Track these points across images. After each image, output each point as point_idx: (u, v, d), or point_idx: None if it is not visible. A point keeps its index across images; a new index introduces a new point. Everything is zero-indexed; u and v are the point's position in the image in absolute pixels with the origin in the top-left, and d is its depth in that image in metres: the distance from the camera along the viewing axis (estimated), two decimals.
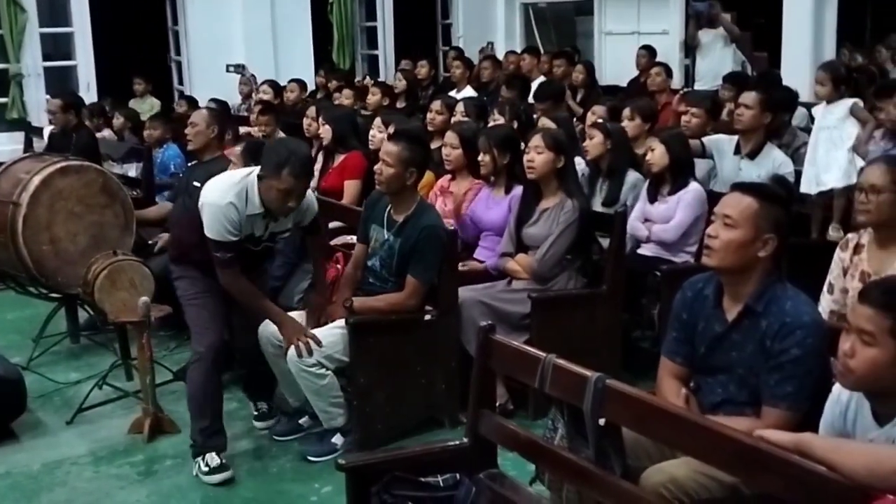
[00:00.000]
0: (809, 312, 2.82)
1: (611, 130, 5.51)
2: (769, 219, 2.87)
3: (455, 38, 12.28)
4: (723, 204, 2.96)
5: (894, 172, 3.55)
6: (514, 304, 4.50)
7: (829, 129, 5.55)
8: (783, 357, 2.76)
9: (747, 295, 2.88)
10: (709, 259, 2.93)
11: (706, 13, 9.57)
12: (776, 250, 2.88)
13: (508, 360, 2.99)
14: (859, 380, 2.37)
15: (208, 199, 4.00)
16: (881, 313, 2.33)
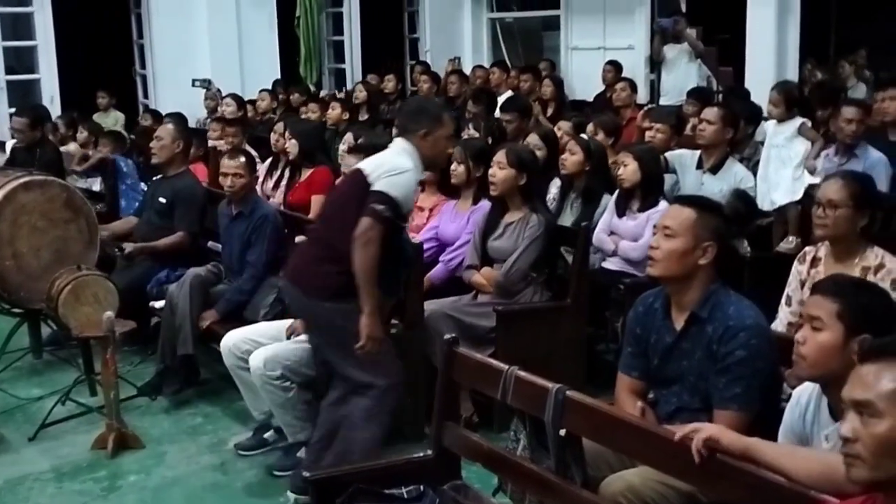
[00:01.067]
0: (752, 315, 2.91)
1: (593, 150, 5.48)
2: (707, 227, 2.98)
3: (422, 53, 12.34)
4: (663, 216, 3.09)
5: (851, 188, 3.64)
6: (480, 317, 4.52)
7: (778, 147, 5.68)
8: (729, 359, 2.84)
9: (692, 303, 2.96)
10: (652, 269, 3.02)
11: (671, 29, 9.71)
12: (716, 257, 2.97)
13: (472, 373, 3.03)
14: (811, 366, 2.51)
15: (397, 162, 3.84)
16: (829, 298, 2.52)
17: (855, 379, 1.95)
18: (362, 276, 3.73)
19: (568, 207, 5.48)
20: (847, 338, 2.47)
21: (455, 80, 10.10)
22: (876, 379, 1.90)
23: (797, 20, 8.97)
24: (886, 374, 1.89)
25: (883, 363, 1.91)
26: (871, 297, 2.58)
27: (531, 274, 4.60)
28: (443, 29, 12.26)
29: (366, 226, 3.72)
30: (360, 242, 3.71)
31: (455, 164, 5.01)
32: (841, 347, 2.47)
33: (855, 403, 1.92)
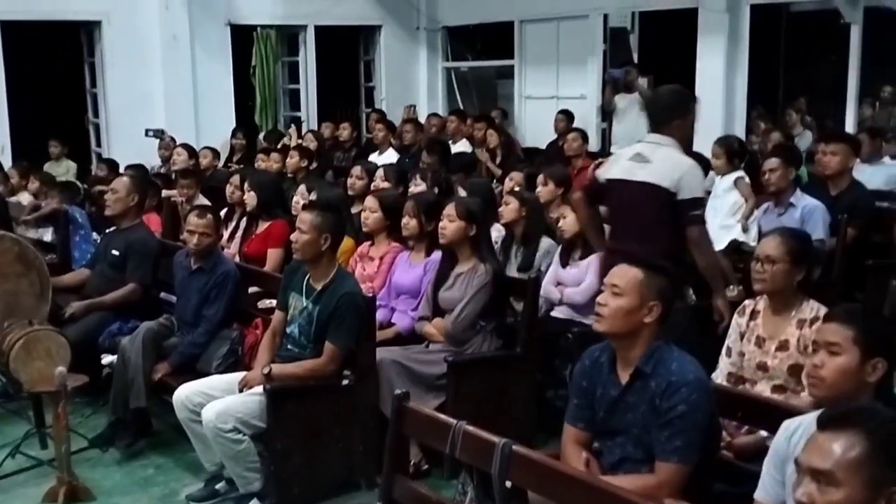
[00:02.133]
0: (693, 371, 3.02)
1: (526, 199, 5.70)
2: (653, 287, 3.10)
3: (378, 101, 12.47)
4: (611, 274, 3.19)
5: (788, 245, 3.79)
6: (431, 365, 4.59)
7: (717, 198, 5.86)
8: (671, 414, 2.94)
9: (637, 358, 3.07)
10: (599, 325, 3.13)
11: (622, 79, 9.99)
12: (661, 316, 3.09)
13: (421, 427, 3.09)
14: (830, 387, 2.70)
15: (682, 163, 4.40)
16: (845, 325, 2.74)
17: (813, 447, 2.01)
18: (711, 271, 4.47)
19: (512, 256, 5.63)
20: (862, 362, 2.69)
21: (410, 128, 10.21)
22: (835, 448, 1.97)
23: (745, 71, 9.22)
24: (845, 443, 1.96)
25: (841, 432, 1.98)
26: (883, 324, 2.86)
27: (480, 322, 4.68)
28: (398, 77, 12.41)
29: (697, 233, 4.39)
30: (700, 247, 4.39)
31: (407, 218, 5.10)
32: (857, 370, 2.69)
33: (812, 471, 1.98)
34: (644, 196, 4.42)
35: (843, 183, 6.19)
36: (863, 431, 1.96)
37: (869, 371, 2.70)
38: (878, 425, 1.98)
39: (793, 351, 3.72)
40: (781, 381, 3.75)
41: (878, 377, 2.70)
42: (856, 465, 1.95)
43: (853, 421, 2.00)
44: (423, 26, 12.35)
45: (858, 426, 1.98)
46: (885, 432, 1.97)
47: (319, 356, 4.31)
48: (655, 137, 4.51)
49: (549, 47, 11.11)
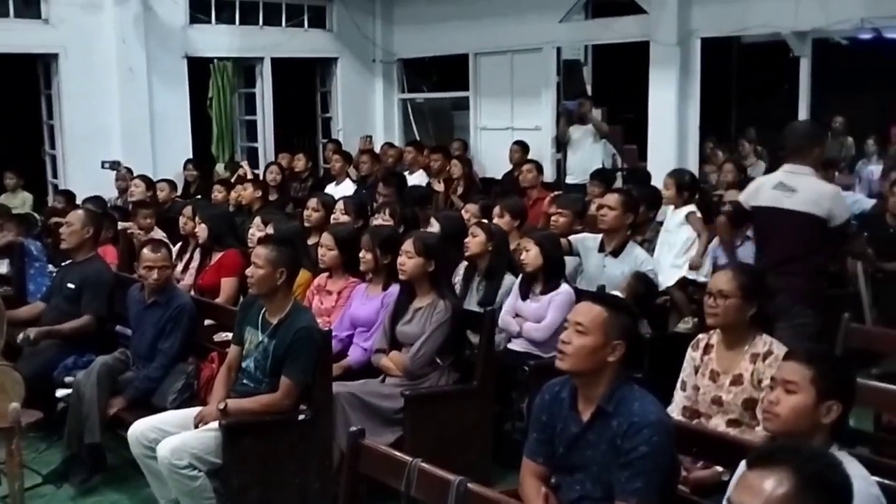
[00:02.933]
0: (655, 412, 3.03)
1: (494, 232, 5.67)
2: (617, 326, 3.11)
3: (335, 132, 12.50)
4: (575, 312, 3.20)
5: (739, 280, 3.84)
6: (388, 399, 4.58)
7: (669, 232, 5.95)
8: (632, 455, 2.95)
9: (599, 397, 3.08)
10: (562, 363, 3.13)
11: (576, 111, 10.11)
12: (624, 355, 3.10)
13: (377, 464, 3.07)
14: (783, 423, 2.74)
15: (827, 192, 4.90)
16: (804, 365, 2.77)
17: (743, 484, 2.04)
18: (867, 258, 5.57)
19: (473, 289, 5.62)
20: (818, 402, 2.72)
21: (367, 159, 10.25)
22: (765, 486, 1.98)
23: (697, 102, 9.39)
24: (774, 480, 1.98)
25: (770, 469, 2.00)
26: (841, 366, 2.87)
27: (437, 360, 4.69)
28: (355, 109, 12.46)
29: (858, 246, 5.45)
30: (863, 254, 5.51)
31: (363, 252, 5.10)
32: (812, 410, 2.73)
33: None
34: (793, 222, 4.89)
35: None
36: (791, 468, 1.99)
37: (823, 412, 2.72)
38: (805, 462, 2.01)
39: (747, 385, 3.76)
40: (736, 415, 3.79)
41: (832, 419, 2.72)
42: (785, 501, 1.97)
43: (781, 458, 2.02)
44: (379, 59, 12.44)
45: (787, 463, 2.00)
46: (813, 468, 2.00)
47: (275, 391, 4.29)
48: (793, 167, 4.94)
49: (503, 79, 11.23)
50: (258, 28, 11.70)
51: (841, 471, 2.06)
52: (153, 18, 10.66)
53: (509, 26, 10.72)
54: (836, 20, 8.27)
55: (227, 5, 11.47)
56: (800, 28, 8.48)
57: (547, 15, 10.43)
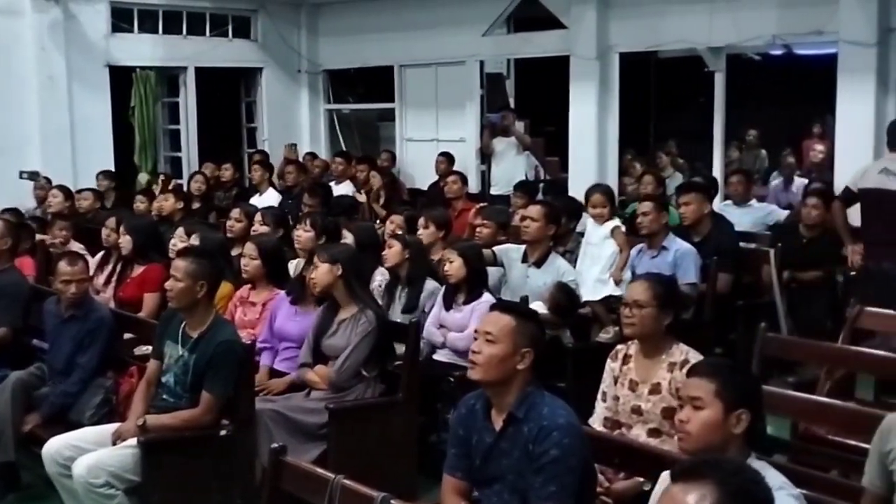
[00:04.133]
0: (564, 415, 3.08)
1: (409, 242, 5.76)
2: (526, 334, 3.16)
3: (260, 142, 12.41)
4: (484, 322, 3.24)
5: (655, 290, 3.91)
6: (312, 414, 4.55)
7: (593, 245, 6.03)
8: (544, 459, 2.99)
9: (510, 404, 3.12)
10: (473, 373, 3.17)
11: (499, 123, 10.22)
12: (533, 362, 3.15)
13: (299, 481, 3.03)
14: (697, 440, 2.75)
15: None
16: (707, 379, 2.79)
17: (666, 499, 2.05)
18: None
19: (397, 298, 5.66)
20: (726, 414, 2.74)
21: (292, 169, 10.20)
22: (688, 501, 1.99)
23: (616, 115, 9.57)
24: (697, 495, 1.99)
25: (693, 484, 2.01)
26: (743, 376, 2.89)
27: (363, 372, 4.68)
28: (280, 119, 12.38)
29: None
30: None
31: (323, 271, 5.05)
32: (722, 423, 2.74)
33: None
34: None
35: (704, 229, 6.48)
36: (714, 482, 2.00)
37: (733, 422, 2.74)
38: (728, 476, 2.02)
39: (665, 394, 3.82)
40: (656, 424, 3.85)
41: (743, 428, 2.75)
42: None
43: (705, 472, 2.03)
44: (305, 69, 12.39)
45: (710, 477, 2.01)
46: (736, 482, 2.02)
47: (196, 406, 4.23)
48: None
49: (428, 91, 11.30)
50: (182, 37, 11.54)
51: (763, 486, 2.08)
52: (74, 26, 10.44)
53: (434, 39, 10.78)
54: (748, 36, 8.51)
55: (150, 14, 11.29)
56: (714, 44, 8.71)
57: (470, 29, 10.53)
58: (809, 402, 4.08)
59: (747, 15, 8.36)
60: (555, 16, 9.81)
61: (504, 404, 3.13)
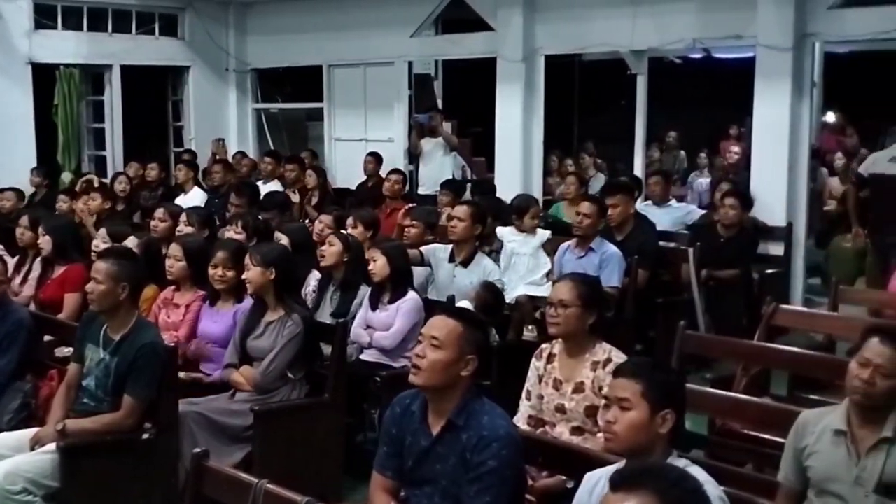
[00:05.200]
0: (504, 426, 3.08)
1: (351, 243, 5.68)
2: (471, 341, 3.14)
3: (187, 141, 12.25)
4: (430, 326, 3.19)
5: (579, 289, 3.96)
6: (237, 416, 4.52)
7: (524, 255, 6.11)
8: (481, 469, 2.98)
9: (449, 410, 3.10)
10: (416, 378, 3.13)
11: (427, 123, 10.27)
12: (477, 369, 3.14)
13: (221, 487, 3.00)
14: (623, 441, 2.78)
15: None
16: (633, 380, 2.82)
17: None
18: None
19: (328, 299, 5.62)
20: (652, 414, 2.77)
21: (219, 168, 10.10)
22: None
23: (541, 116, 9.64)
24: (634, 503, 2.00)
25: (633, 493, 2.02)
26: (668, 376, 2.92)
27: (289, 374, 4.66)
28: (208, 118, 12.21)
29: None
30: None
31: (221, 269, 5.00)
32: (648, 423, 2.77)
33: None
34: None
35: (627, 228, 6.62)
36: (655, 492, 2.00)
37: (659, 423, 2.78)
38: (669, 486, 2.03)
39: (588, 392, 3.89)
40: (579, 422, 3.91)
41: (668, 428, 2.80)
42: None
43: (644, 482, 2.03)
44: (233, 68, 12.25)
45: (650, 486, 2.02)
46: (676, 493, 2.03)
47: (117, 410, 4.16)
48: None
49: (356, 91, 11.26)
50: (107, 35, 11.29)
51: (702, 496, 2.10)
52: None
53: (362, 40, 10.76)
54: (669, 40, 8.65)
55: (75, 11, 11.03)
56: (636, 47, 8.85)
57: (398, 30, 10.53)
58: (726, 399, 4.19)
59: (669, 19, 8.52)
60: (482, 18, 9.88)
61: (443, 410, 3.11)
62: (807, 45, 7.87)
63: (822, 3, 7.74)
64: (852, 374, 3.16)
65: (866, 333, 3.23)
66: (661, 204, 8.20)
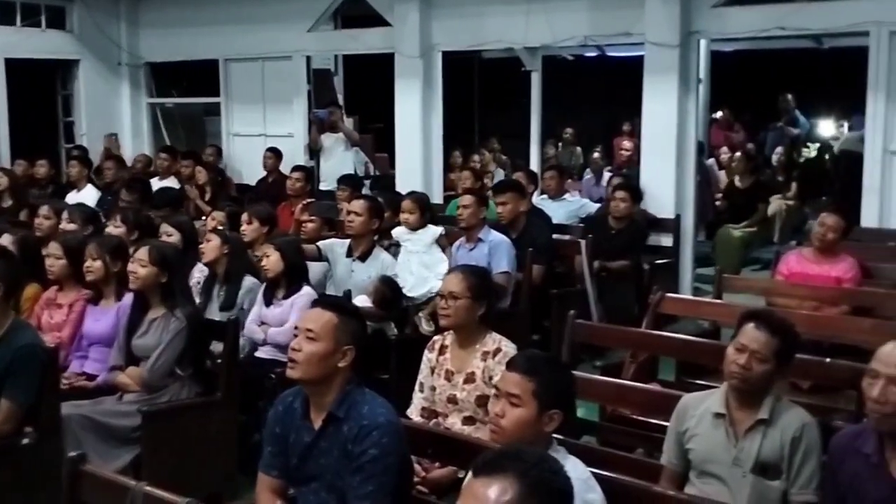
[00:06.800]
0: (384, 414, 3.07)
1: (229, 237, 5.67)
2: (347, 331, 3.12)
3: (78, 137, 11.90)
4: (305, 319, 3.18)
5: (469, 281, 4.00)
6: (124, 417, 4.41)
7: (419, 253, 6.12)
8: (363, 458, 2.98)
9: (329, 403, 3.09)
10: (293, 372, 3.11)
11: (327, 119, 10.19)
12: (354, 360, 3.12)
13: (98, 491, 2.90)
14: (509, 436, 2.77)
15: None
16: (525, 378, 2.81)
17: (468, 493, 2.07)
18: None
19: (214, 296, 5.56)
20: (540, 413, 2.79)
21: (111, 165, 9.86)
22: (489, 494, 2.01)
23: (440, 112, 9.67)
24: (498, 488, 2.01)
25: (494, 477, 2.03)
26: (560, 375, 2.93)
27: (177, 370, 4.58)
28: (100, 113, 11.89)
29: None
30: None
31: (90, 260, 4.90)
32: (535, 421, 2.80)
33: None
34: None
35: (520, 225, 6.71)
36: (515, 475, 2.03)
37: (546, 421, 2.81)
38: (528, 468, 2.06)
39: (479, 382, 3.93)
40: (471, 412, 3.96)
41: (554, 427, 2.83)
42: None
43: (505, 465, 2.05)
44: (125, 62, 11.95)
45: (511, 470, 2.04)
46: (535, 475, 2.05)
47: None
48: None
49: (254, 86, 11.12)
50: None
51: (562, 475, 2.14)
52: None
53: (259, 34, 10.63)
54: (561, 37, 8.77)
55: None
56: (530, 44, 8.98)
57: (296, 24, 10.43)
58: (615, 386, 4.29)
59: (561, 16, 8.63)
60: (380, 13, 9.86)
61: (324, 403, 3.09)
62: (692, 43, 8.08)
63: (706, 2, 7.96)
64: (729, 359, 3.26)
65: (742, 319, 3.33)
66: (556, 198, 8.37)
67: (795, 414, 3.23)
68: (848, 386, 4.00)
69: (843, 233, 5.77)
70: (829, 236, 5.71)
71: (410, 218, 6.22)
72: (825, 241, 5.73)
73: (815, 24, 7.98)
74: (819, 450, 3.15)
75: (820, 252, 5.78)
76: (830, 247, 5.75)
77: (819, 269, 5.75)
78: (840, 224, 5.73)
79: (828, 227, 5.71)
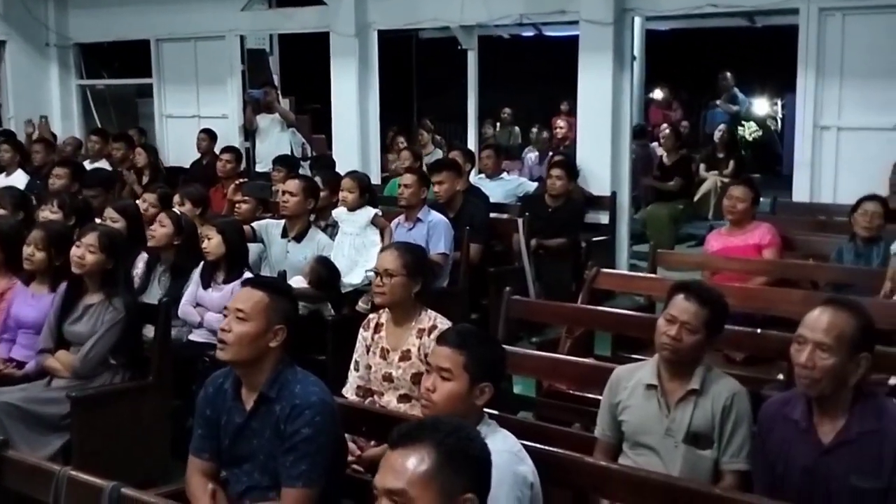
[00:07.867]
0: (317, 392, 3.05)
1: (184, 225, 5.45)
2: (279, 311, 3.09)
3: (6, 120, 11.60)
4: (235, 299, 3.15)
5: (404, 258, 3.99)
6: (53, 404, 4.31)
7: (352, 235, 6.06)
8: (296, 438, 2.95)
9: (261, 384, 3.05)
10: (224, 353, 3.07)
11: (262, 99, 10.08)
12: (286, 340, 3.09)
13: (22, 477, 2.86)
14: (441, 410, 2.75)
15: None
16: (456, 351, 2.80)
17: (386, 466, 2.06)
18: None
19: (155, 281, 5.42)
20: (471, 386, 2.78)
21: (40, 148, 9.61)
22: (407, 465, 2.02)
23: (376, 92, 9.61)
24: (415, 458, 2.02)
25: (411, 448, 2.04)
26: (490, 348, 2.92)
27: (111, 359, 4.48)
28: (28, 95, 11.61)
29: None
30: None
31: (33, 249, 4.74)
32: (466, 395, 2.79)
33: (387, 492, 2.02)
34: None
35: (457, 204, 6.71)
36: (431, 444, 2.04)
37: (477, 394, 2.81)
38: (444, 437, 2.07)
39: (414, 360, 3.93)
40: (406, 390, 3.95)
41: (485, 400, 2.83)
42: (426, 478, 2.01)
43: (422, 436, 2.06)
44: (54, 43, 11.67)
45: (427, 440, 2.05)
46: (451, 443, 2.07)
47: None
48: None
49: (187, 66, 10.93)
50: None
51: (479, 442, 2.16)
52: None
53: (191, 13, 10.45)
54: (497, 16, 8.76)
55: None
56: (465, 22, 8.94)
57: (228, 3, 10.28)
58: (550, 360, 4.33)
59: None
60: None
61: (255, 383, 3.05)
62: (626, 20, 8.10)
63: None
64: (660, 330, 3.28)
65: (672, 291, 3.36)
66: (494, 177, 8.38)
67: (726, 383, 3.27)
68: (779, 356, 4.05)
69: (752, 202, 5.88)
70: (738, 207, 5.84)
71: (349, 197, 6.15)
72: (736, 212, 5.86)
73: (747, 1, 8.07)
74: (749, 418, 3.19)
75: (735, 224, 5.92)
76: (743, 217, 5.87)
77: (738, 241, 5.87)
78: (748, 194, 5.86)
79: (736, 198, 5.84)
